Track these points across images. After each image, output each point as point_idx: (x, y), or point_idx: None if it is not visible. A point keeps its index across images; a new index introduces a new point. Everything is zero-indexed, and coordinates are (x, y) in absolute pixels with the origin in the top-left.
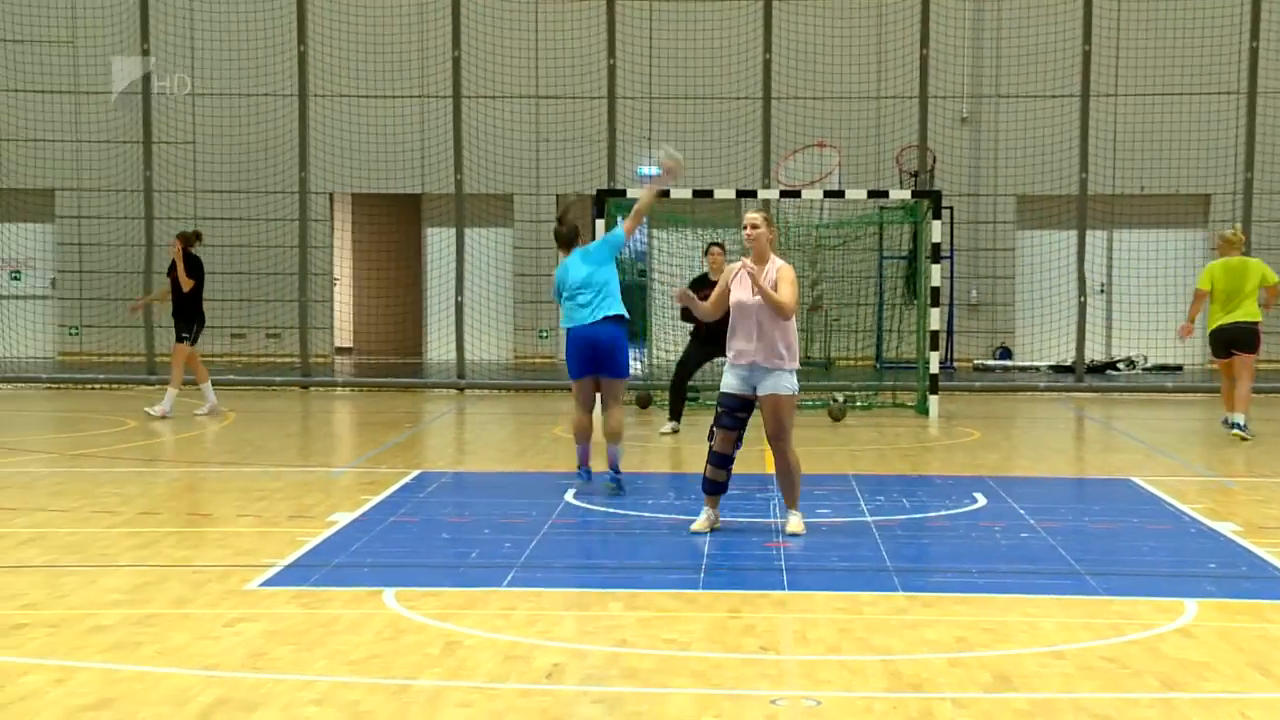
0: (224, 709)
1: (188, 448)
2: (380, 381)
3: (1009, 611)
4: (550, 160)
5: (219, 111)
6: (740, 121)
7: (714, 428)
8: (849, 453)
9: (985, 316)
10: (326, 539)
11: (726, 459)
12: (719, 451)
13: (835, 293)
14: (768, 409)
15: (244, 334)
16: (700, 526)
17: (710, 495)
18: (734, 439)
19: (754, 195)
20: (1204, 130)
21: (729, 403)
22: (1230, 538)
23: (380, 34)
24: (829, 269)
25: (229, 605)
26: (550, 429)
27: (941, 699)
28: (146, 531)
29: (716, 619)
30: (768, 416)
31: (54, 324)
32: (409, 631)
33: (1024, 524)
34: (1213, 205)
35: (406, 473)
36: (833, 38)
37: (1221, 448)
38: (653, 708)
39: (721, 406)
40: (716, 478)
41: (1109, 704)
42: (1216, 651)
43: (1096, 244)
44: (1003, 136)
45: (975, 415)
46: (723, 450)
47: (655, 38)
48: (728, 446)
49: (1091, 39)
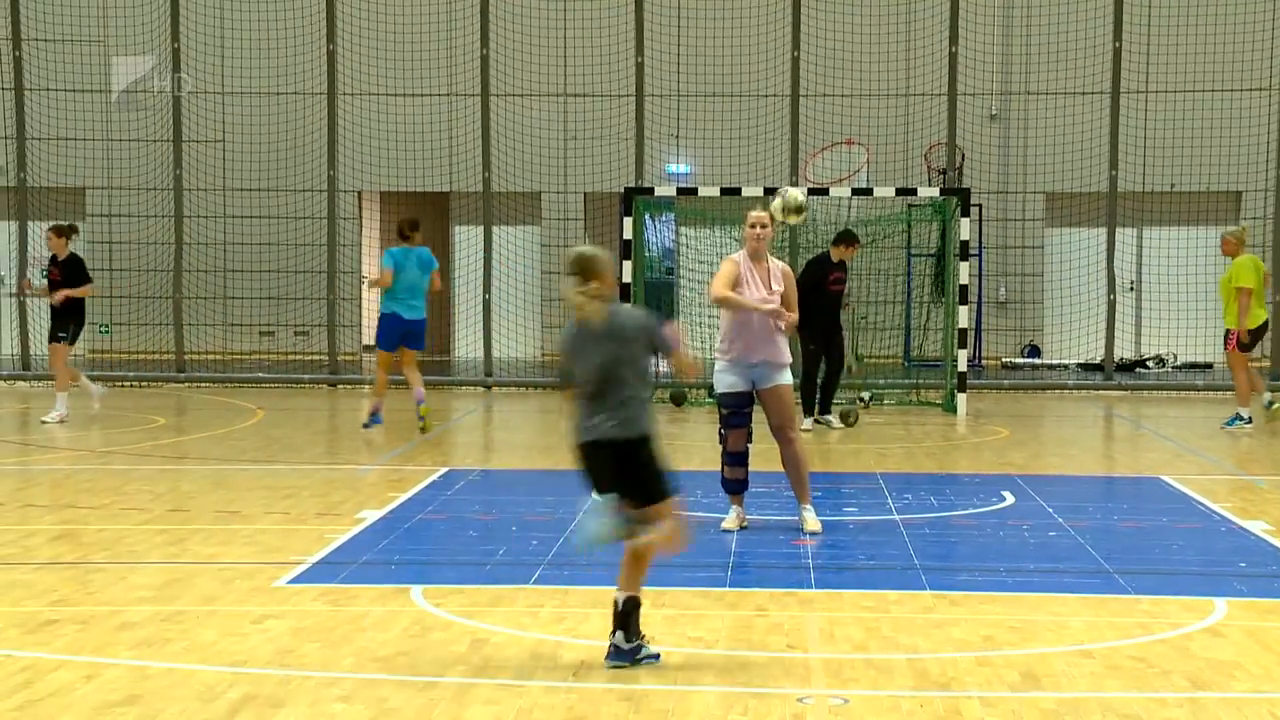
0: (251, 705)
1: (216, 445)
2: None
3: (1037, 610)
4: (578, 158)
5: (248, 110)
6: (768, 119)
7: (724, 429)
8: (876, 451)
9: (1014, 314)
10: (354, 536)
11: (743, 456)
12: (735, 450)
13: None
14: (775, 399)
15: (272, 332)
16: (731, 525)
17: (734, 494)
18: (745, 435)
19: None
20: (1235, 127)
21: (735, 401)
22: (1260, 536)
23: (409, 32)
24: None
25: (257, 602)
26: None
27: (969, 698)
28: (175, 528)
29: (743, 617)
30: (776, 407)
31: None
32: (435, 629)
33: (1052, 522)
34: (1244, 202)
35: (434, 470)
36: (861, 35)
37: (1252, 446)
38: (679, 705)
39: (727, 407)
40: (736, 476)
41: (1137, 703)
42: (1246, 651)
43: (1126, 241)
44: (1032, 133)
45: (1003, 413)
46: (738, 449)
47: (683, 35)
48: (741, 443)
49: (1122, 35)
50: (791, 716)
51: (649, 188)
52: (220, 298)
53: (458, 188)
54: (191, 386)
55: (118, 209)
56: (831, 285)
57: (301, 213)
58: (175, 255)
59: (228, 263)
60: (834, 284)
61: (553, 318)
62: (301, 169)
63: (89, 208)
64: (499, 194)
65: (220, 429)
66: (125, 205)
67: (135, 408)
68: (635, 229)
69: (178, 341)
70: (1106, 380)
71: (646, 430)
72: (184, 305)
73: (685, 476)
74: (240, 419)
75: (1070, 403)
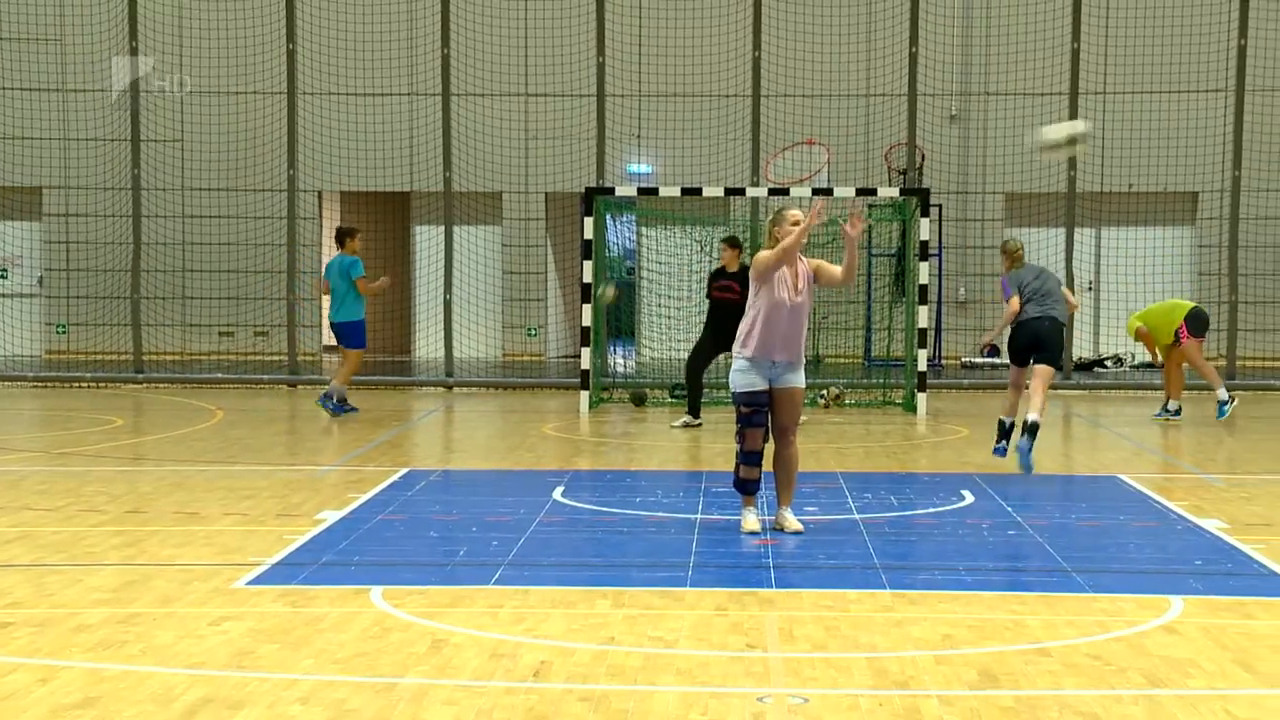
0: (209, 708)
1: (174, 447)
2: (368, 379)
3: (995, 609)
4: (539, 158)
5: (207, 109)
6: (729, 119)
7: (744, 429)
8: (836, 450)
9: (973, 314)
10: (313, 537)
11: (760, 455)
12: (755, 450)
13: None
14: (788, 400)
15: (232, 332)
16: (754, 526)
17: (749, 495)
18: (764, 434)
19: (742, 193)
20: (1192, 128)
21: (757, 400)
22: (1216, 534)
23: (369, 31)
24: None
25: (215, 604)
26: (539, 427)
27: (927, 696)
28: (132, 530)
29: (703, 616)
30: (787, 408)
31: (41, 322)
32: (395, 630)
33: (1011, 521)
34: (1200, 203)
35: (394, 471)
36: (822, 35)
37: (1207, 445)
38: (639, 705)
39: (749, 406)
40: (753, 475)
41: (1094, 701)
42: (1201, 648)
43: (1085, 242)
44: (991, 134)
45: (963, 413)
46: (757, 448)
47: (644, 35)
48: (759, 443)
49: (1080, 37)
50: (751, 716)
51: (610, 188)
52: (179, 298)
53: (418, 187)
54: (150, 387)
55: (75, 208)
56: (715, 293)
57: (261, 212)
58: (133, 255)
59: (186, 263)
60: (717, 291)
61: (513, 317)
62: (261, 168)
63: (46, 207)
64: (460, 194)
65: (179, 430)
66: (82, 205)
67: (93, 409)
68: (596, 229)
69: (136, 342)
70: (1065, 380)
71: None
72: (142, 305)
73: (646, 476)
74: (199, 420)
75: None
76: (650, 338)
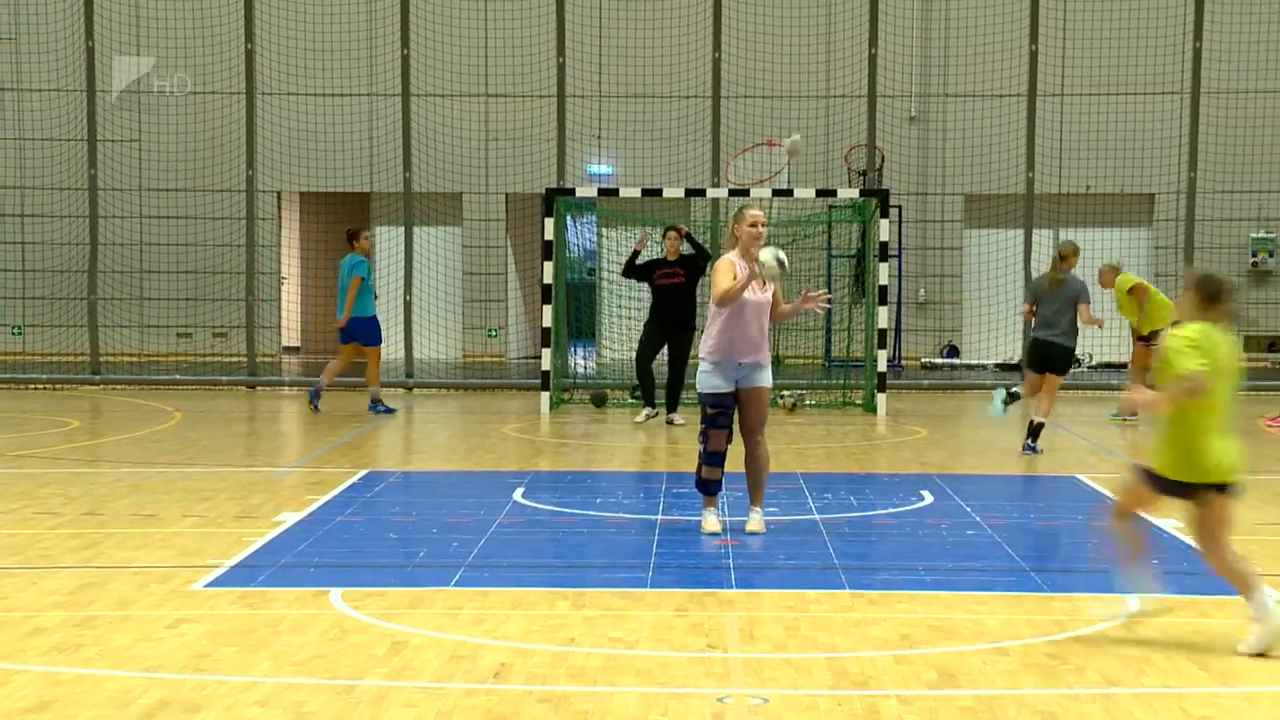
0: (166, 711)
1: (132, 448)
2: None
3: (954, 609)
4: (499, 159)
5: (165, 109)
6: (690, 120)
7: (708, 429)
8: (797, 451)
9: (933, 315)
10: (272, 539)
11: (723, 457)
12: (717, 450)
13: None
14: (755, 400)
15: (190, 333)
16: (715, 527)
17: (710, 495)
18: (727, 436)
19: (703, 194)
20: (1148, 130)
21: (721, 402)
22: (1171, 534)
23: (329, 32)
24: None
25: (172, 606)
26: (499, 428)
27: (887, 696)
28: (89, 533)
29: (663, 617)
30: (754, 408)
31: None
32: (354, 632)
33: (970, 521)
34: (1157, 204)
35: (354, 472)
36: (782, 37)
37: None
38: (599, 706)
39: (715, 407)
40: (715, 476)
41: (1052, 700)
42: (1156, 647)
43: (1043, 243)
44: (950, 136)
45: (922, 413)
46: (720, 449)
47: (605, 36)
48: (723, 444)
49: (1038, 39)
50: (711, 716)
51: (570, 188)
52: (137, 299)
53: (378, 188)
54: (107, 389)
55: (31, 209)
56: (659, 280)
57: (220, 213)
58: (90, 256)
59: (144, 263)
60: (661, 278)
61: (473, 319)
62: (220, 169)
63: (1, 208)
64: (420, 194)
65: (136, 431)
66: (38, 205)
67: (49, 410)
68: (557, 230)
69: (93, 343)
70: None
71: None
72: (99, 306)
73: (606, 477)
74: (157, 421)
75: (988, 402)
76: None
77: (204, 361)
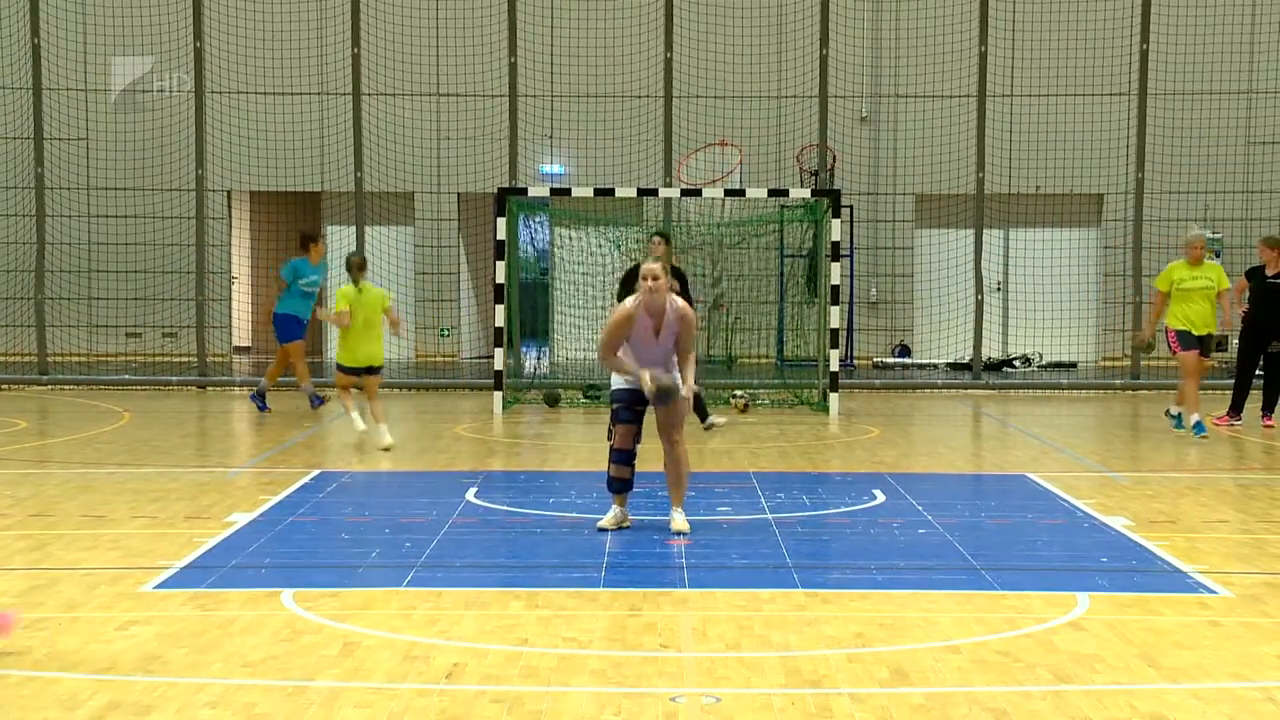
0: (116, 713)
1: (81, 449)
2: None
3: (906, 607)
4: (451, 158)
5: (113, 107)
6: (642, 120)
7: (613, 425)
8: (749, 450)
9: (884, 314)
10: (224, 540)
11: (630, 455)
12: (622, 448)
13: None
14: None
15: (140, 333)
16: (608, 524)
17: (618, 494)
18: (634, 434)
19: (655, 194)
20: (1097, 131)
21: (626, 398)
22: (1121, 532)
23: (279, 30)
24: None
25: (122, 608)
26: (451, 428)
27: (839, 694)
28: (38, 534)
29: (617, 617)
30: (667, 409)
31: None
32: (307, 632)
33: (922, 520)
34: (1105, 205)
35: (306, 472)
36: (734, 37)
37: (1113, 444)
38: (552, 706)
39: (619, 403)
40: (622, 475)
41: (1002, 697)
42: (1106, 644)
43: (993, 243)
44: (901, 136)
45: (874, 412)
46: (625, 446)
47: (556, 36)
48: (629, 441)
49: (988, 40)
50: (664, 716)
51: (523, 188)
52: (85, 299)
53: (329, 187)
54: (55, 389)
55: None
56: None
57: (169, 212)
58: (37, 255)
59: (93, 263)
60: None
61: (425, 319)
62: (169, 168)
63: None
64: (372, 194)
65: (85, 432)
66: None
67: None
68: (509, 229)
69: (40, 343)
70: (974, 379)
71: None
72: (47, 306)
73: (559, 477)
74: (106, 422)
75: (939, 401)
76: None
77: (154, 361)
